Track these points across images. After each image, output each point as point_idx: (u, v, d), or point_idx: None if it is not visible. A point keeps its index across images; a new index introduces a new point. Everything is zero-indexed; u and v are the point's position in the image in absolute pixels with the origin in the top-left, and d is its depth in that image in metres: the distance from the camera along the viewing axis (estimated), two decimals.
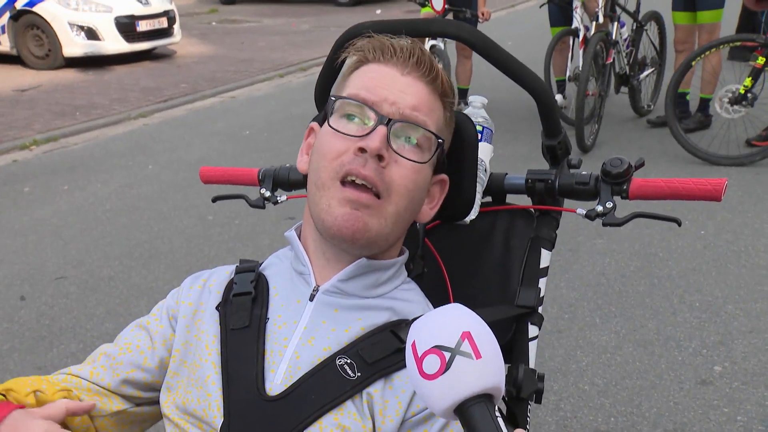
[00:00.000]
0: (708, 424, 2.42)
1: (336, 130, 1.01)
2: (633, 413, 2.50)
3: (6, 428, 0.89)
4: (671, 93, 4.63)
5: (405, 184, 1.01)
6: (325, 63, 1.27)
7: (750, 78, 4.66)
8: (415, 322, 0.76)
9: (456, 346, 0.71)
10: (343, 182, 0.99)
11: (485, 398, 0.71)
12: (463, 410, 0.71)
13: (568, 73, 5.84)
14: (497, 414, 0.71)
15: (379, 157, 0.98)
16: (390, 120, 0.99)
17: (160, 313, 1.15)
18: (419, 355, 0.72)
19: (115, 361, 1.12)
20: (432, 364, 0.71)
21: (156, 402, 1.12)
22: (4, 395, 0.99)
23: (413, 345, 0.73)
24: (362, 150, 0.97)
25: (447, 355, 0.71)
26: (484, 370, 0.71)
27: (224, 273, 1.16)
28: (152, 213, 4.56)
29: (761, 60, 4.62)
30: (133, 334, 1.14)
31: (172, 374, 1.08)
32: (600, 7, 5.39)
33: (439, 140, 1.04)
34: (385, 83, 1.02)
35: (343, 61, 1.12)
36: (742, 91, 4.67)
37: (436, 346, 0.71)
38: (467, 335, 0.72)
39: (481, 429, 0.69)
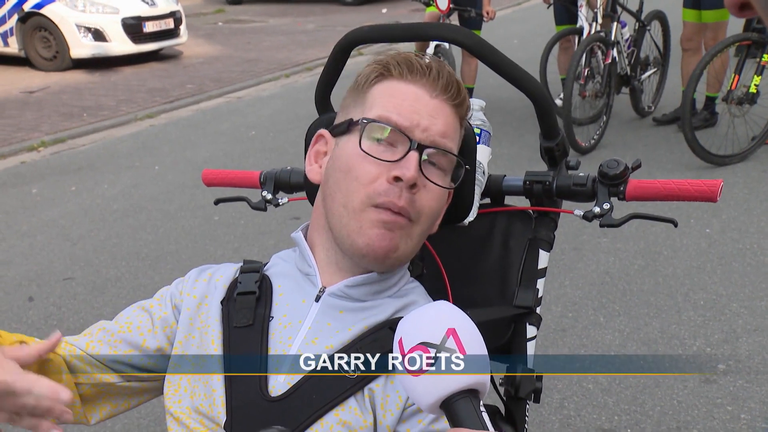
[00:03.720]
0: (712, 422, 2.42)
1: (368, 154, 1.02)
2: (636, 411, 2.51)
3: None
4: (689, 101, 4.59)
5: (432, 206, 1.05)
6: (325, 67, 1.28)
7: (759, 76, 4.67)
8: (402, 319, 0.78)
9: (441, 342, 0.73)
10: (377, 206, 1.01)
11: (470, 393, 0.73)
12: (448, 405, 0.73)
13: None
14: (482, 409, 0.73)
15: (413, 185, 1.00)
16: (420, 146, 1.01)
17: (164, 299, 1.15)
18: (405, 352, 0.74)
19: (113, 338, 1.12)
20: None
21: (146, 380, 1.12)
22: None
23: (400, 342, 0.76)
24: (397, 179, 1.00)
25: (432, 351, 0.73)
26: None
27: (230, 269, 1.17)
28: (159, 213, 4.59)
29: (766, 57, 4.63)
30: (135, 314, 1.14)
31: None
32: (598, 6, 5.38)
33: (466, 167, 1.08)
34: (415, 106, 1.03)
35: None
36: (753, 90, 4.67)
37: (422, 343, 0.74)
38: (452, 332, 0.74)
39: (465, 423, 0.71)
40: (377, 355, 0.99)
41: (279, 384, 1.00)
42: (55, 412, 0.91)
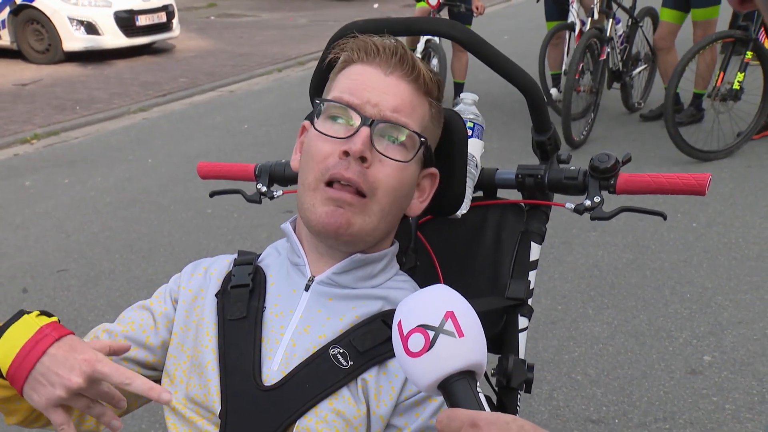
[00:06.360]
0: (697, 413, 2.47)
1: (322, 133, 1.05)
2: (624, 402, 2.55)
3: (62, 346, 0.90)
4: (671, 97, 4.63)
5: (389, 182, 1.04)
6: (319, 60, 1.31)
7: (742, 73, 4.73)
8: (401, 302, 0.80)
9: (440, 325, 0.75)
10: (328, 184, 1.03)
11: (467, 374, 0.75)
12: (446, 386, 0.75)
13: (564, 67, 5.88)
14: (479, 390, 0.76)
15: (362, 159, 1.01)
16: (373, 121, 1.03)
17: (163, 295, 1.18)
18: (405, 334, 0.76)
19: (117, 338, 1.13)
20: (417, 342, 0.75)
21: (154, 380, 1.15)
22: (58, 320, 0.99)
23: (399, 324, 0.77)
24: (346, 153, 1.01)
25: (431, 333, 0.74)
26: (467, 348, 0.75)
27: (224, 262, 1.19)
28: (152, 206, 4.60)
29: (749, 54, 4.70)
30: (136, 314, 1.16)
31: (170, 357, 1.11)
32: (595, 3, 5.42)
33: (422, 139, 1.07)
34: (368, 84, 1.05)
35: (332, 62, 1.15)
36: (737, 87, 4.73)
37: (420, 325, 0.75)
38: (450, 314, 0.75)
39: (462, 403, 0.73)
40: (369, 347, 1.02)
41: (272, 373, 1.02)
42: (115, 400, 0.92)
